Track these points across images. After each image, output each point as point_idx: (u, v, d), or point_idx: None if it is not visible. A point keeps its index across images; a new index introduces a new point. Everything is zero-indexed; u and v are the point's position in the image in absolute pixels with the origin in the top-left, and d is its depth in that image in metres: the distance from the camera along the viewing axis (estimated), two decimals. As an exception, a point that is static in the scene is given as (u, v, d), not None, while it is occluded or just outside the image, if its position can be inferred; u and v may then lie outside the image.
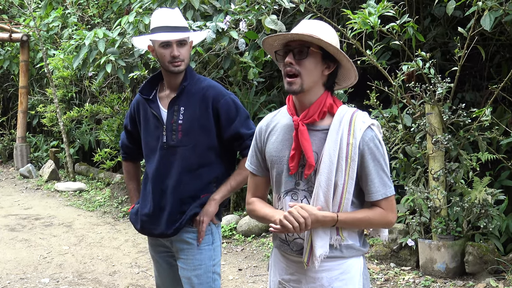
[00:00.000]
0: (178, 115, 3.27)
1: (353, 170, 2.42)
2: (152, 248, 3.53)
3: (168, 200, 3.28)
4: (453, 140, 5.57)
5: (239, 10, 6.37)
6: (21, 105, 12.27)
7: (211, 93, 3.29)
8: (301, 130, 2.44)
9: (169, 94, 3.34)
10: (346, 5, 6.88)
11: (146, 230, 3.41)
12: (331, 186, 2.42)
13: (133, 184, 3.69)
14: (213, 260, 3.36)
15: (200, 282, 3.31)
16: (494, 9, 5.24)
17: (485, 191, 5.42)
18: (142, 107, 3.42)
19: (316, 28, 2.42)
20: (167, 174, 3.28)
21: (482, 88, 7.04)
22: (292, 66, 2.40)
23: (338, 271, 2.49)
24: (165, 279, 3.55)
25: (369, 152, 2.43)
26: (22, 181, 11.18)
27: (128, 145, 3.63)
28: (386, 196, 2.47)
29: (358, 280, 2.52)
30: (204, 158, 3.28)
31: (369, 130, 2.44)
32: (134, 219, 3.45)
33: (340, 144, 2.41)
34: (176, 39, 3.20)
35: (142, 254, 6.75)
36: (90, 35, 7.80)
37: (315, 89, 2.46)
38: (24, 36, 11.86)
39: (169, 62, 3.23)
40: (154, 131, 3.33)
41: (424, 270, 5.67)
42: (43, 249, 6.96)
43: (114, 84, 10.33)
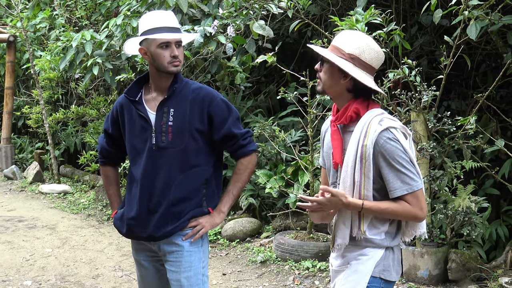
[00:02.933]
0: (167, 116, 3.24)
1: (369, 170, 2.65)
2: (137, 253, 3.49)
3: (158, 202, 3.25)
4: (438, 147, 5.60)
5: (227, 14, 6.37)
6: (7, 106, 12.20)
7: (202, 95, 3.29)
8: (332, 130, 2.79)
9: (156, 97, 3.32)
10: (334, 12, 6.91)
11: (133, 234, 3.36)
12: (351, 183, 2.70)
13: (113, 189, 3.65)
14: (202, 262, 3.34)
15: (190, 284, 3.29)
16: (480, 19, 5.29)
17: (469, 199, 5.45)
18: (126, 109, 3.38)
19: (341, 38, 2.75)
20: (156, 176, 3.25)
21: (467, 97, 7.09)
22: (318, 72, 2.79)
23: (357, 252, 2.79)
24: (150, 284, 3.50)
25: (383, 152, 2.62)
26: (6, 183, 11.11)
27: (108, 149, 3.56)
28: (409, 192, 2.63)
29: (370, 264, 2.76)
30: (194, 160, 3.26)
31: (385, 132, 2.62)
32: (119, 224, 3.40)
33: (357, 145, 2.66)
34: (176, 39, 3.21)
35: (126, 257, 6.73)
36: (77, 37, 7.78)
37: (342, 95, 2.76)
38: (10, 36, 11.79)
39: (169, 63, 3.22)
40: (141, 133, 3.30)
41: (407, 277, 5.69)
42: (26, 252, 6.91)
43: (101, 86, 10.31)
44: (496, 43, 6.07)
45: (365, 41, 2.72)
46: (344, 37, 2.75)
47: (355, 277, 2.76)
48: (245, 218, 7.42)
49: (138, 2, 7.30)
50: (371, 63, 2.72)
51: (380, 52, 2.76)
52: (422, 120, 5.61)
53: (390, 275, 2.78)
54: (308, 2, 6.00)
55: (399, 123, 2.69)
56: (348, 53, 2.68)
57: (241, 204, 7.47)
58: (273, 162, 7.32)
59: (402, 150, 2.62)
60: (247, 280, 6.00)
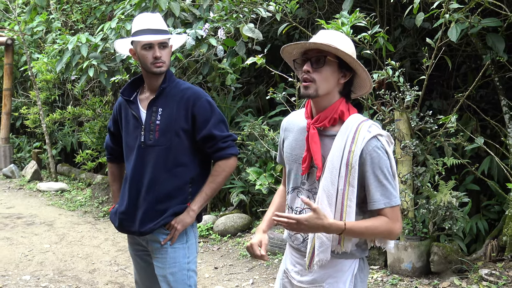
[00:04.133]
0: (156, 115, 3.25)
1: (354, 178, 2.40)
2: (131, 247, 3.52)
3: (143, 198, 3.26)
4: (420, 145, 5.62)
5: (218, 18, 6.37)
6: (5, 107, 12.15)
7: (189, 95, 3.28)
8: (311, 133, 2.46)
9: (148, 96, 3.33)
10: (321, 15, 6.92)
11: (124, 228, 3.38)
12: (334, 191, 2.42)
13: (116, 185, 3.65)
14: (187, 257, 3.33)
15: (175, 279, 3.29)
16: (460, 22, 5.31)
17: (450, 194, 5.47)
18: (123, 109, 3.41)
19: (334, 38, 2.44)
20: (143, 173, 3.26)
21: (448, 97, 7.12)
22: (309, 74, 2.42)
23: (332, 269, 2.52)
24: (143, 276, 3.53)
25: (371, 161, 2.40)
26: (5, 181, 11.05)
27: (112, 146, 3.60)
28: (390, 205, 2.41)
29: (349, 280, 2.53)
30: (180, 158, 3.26)
31: (374, 140, 2.42)
32: (113, 218, 3.43)
33: (343, 151, 2.41)
34: (158, 41, 3.20)
35: (121, 252, 6.71)
36: (73, 40, 7.76)
37: (330, 96, 2.47)
38: (8, 39, 11.74)
39: (151, 64, 3.22)
40: (133, 131, 3.32)
41: (391, 269, 5.71)
42: (25, 247, 6.88)
43: (96, 87, 10.27)
44: (475, 45, 6.10)
45: (351, 43, 2.50)
46: (337, 38, 2.45)
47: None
48: (236, 214, 7.42)
49: (132, 6, 7.28)
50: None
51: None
52: (405, 119, 5.63)
53: (365, 284, 2.59)
54: (296, 6, 6.01)
55: (385, 132, 2.49)
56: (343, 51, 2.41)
57: (232, 200, 7.48)
58: (263, 160, 7.32)
59: (388, 162, 2.42)
60: (238, 273, 6.00)
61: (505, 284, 5.18)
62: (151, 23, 3.24)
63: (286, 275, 2.67)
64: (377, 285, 5.48)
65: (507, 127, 5.89)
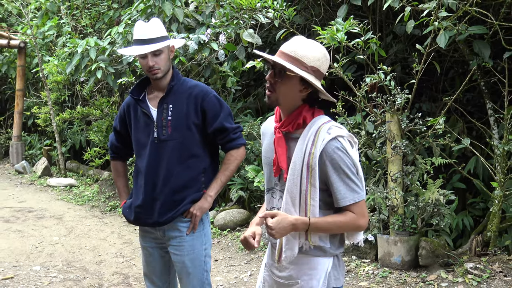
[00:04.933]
0: (167, 112, 3.28)
1: (315, 179, 2.38)
2: (143, 239, 3.51)
3: (160, 191, 3.29)
4: (410, 145, 5.62)
5: (219, 24, 6.37)
6: (17, 106, 12.14)
7: (197, 91, 3.32)
8: (277, 137, 2.46)
9: (157, 95, 3.36)
10: (317, 22, 6.92)
11: (140, 221, 3.40)
12: (297, 192, 2.41)
13: (122, 182, 3.68)
14: (204, 244, 3.38)
15: (193, 265, 3.34)
16: (448, 29, 5.31)
17: (438, 192, 5.48)
18: (132, 108, 3.42)
19: (300, 49, 2.39)
20: (159, 166, 3.29)
21: (437, 100, 7.12)
22: (271, 84, 2.41)
23: (306, 266, 2.50)
24: (154, 268, 3.52)
25: (331, 161, 2.36)
26: (17, 177, 11.05)
27: (117, 145, 3.61)
28: (355, 201, 2.40)
29: (323, 277, 2.50)
30: (192, 151, 3.30)
31: (334, 141, 2.37)
32: (128, 212, 3.44)
33: (304, 153, 2.39)
34: (148, 52, 3.21)
35: (127, 245, 6.71)
36: (82, 43, 7.75)
37: (293, 103, 2.45)
38: (21, 43, 11.74)
39: (147, 71, 3.27)
40: (145, 128, 3.34)
41: (382, 263, 5.71)
42: (35, 240, 6.88)
43: (104, 89, 10.26)
44: (463, 51, 6.10)
45: (322, 52, 2.43)
46: (303, 47, 2.39)
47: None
48: (235, 209, 7.42)
49: (138, 12, 7.27)
50: (325, 72, 2.48)
51: (329, 58, 2.49)
52: (396, 121, 5.63)
53: (340, 281, 2.55)
54: (293, 13, 6.01)
55: (346, 132, 2.43)
56: (310, 65, 2.37)
57: (232, 196, 7.47)
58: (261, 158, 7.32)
59: (350, 161, 2.39)
60: (237, 266, 5.99)
61: (489, 277, 5.19)
62: (144, 33, 3.23)
63: (267, 269, 2.67)
64: (368, 278, 5.48)
65: (492, 129, 5.89)
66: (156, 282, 3.54)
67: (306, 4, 7.44)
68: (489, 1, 5.83)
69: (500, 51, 6.04)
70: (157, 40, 3.24)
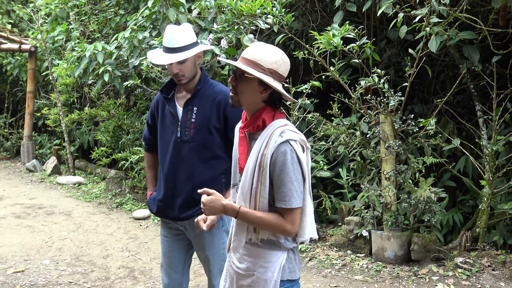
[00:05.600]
0: (191, 114, 3.29)
1: (265, 178, 2.40)
2: (164, 230, 3.52)
3: (182, 188, 3.30)
4: (403, 145, 5.62)
5: (221, 29, 6.36)
6: (28, 107, 12.14)
7: (221, 97, 3.31)
8: (240, 137, 2.52)
9: (185, 95, 3.37)
10: (314, 27, 6.91)
11: (162, 214, 3.43)
12: (249, 189, 2.45)
13: (151, 173, 3.67)
14: (222, 239, 3.40)
15: (214, 258, 3.39)
16: (439, 34, 5.31)
17: (429, 190, 5.48)
18: (161, 105, 3.44)
19: (258, 53, 2.43)
20: (180, 165, 3.29)
21: (428, 102, 7.12)
22: (233, 86, 2.47)
23: (262, 259, 2.51)
24: (171, 259, 3.52)
25: (279, 164, 2.37)
26: (27, 175, 11.04)
27: (150, 138, 3.63)
28: (287, 207, 2.39)
29: (277, 270, 2.50)
30: (213, 152, 3.31)
31: (284, 145, 2.38)
32: (152, 204, 3.47)
33: (258, 153, 2.42)
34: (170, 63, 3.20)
35: (132, 240, 6.71)
36: (90, 47, 7.75)
37: (254, 104, 2.48)
38: (32, 47, 11.74)
39: (173, 77, 3.29)
40: (170, 127, 3.35)
41: (376, 257, 5.71)
42: (45, 235, 6.88)
43: (111, 91, 10.26)
44: (453, 55, 6.10)
45: (280, 55, 2.47)
46: (260, 51, 2.44)
47: (265, 285, 2.50)
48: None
49: (144, 18, 7.27)
50: (284, 74, 2.48)
51: (289, 62, 2.52)
52: (389, 122, 5.63)
53: (295, 274, 2.55)
54: (292, 19, 6.00)
55: (299, 136, 2.43)
56: (267, 68, 2.40)
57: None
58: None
59: (297, 165, 2.38)
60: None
61: (478, 271, 5.19)
62: (172, 40, 3.21)
63: (229, 259, 2.66)
64: (362, 271, 5.48)
65: (481, 129, 5.90)
66: (171, 274, 3.53)
67: (303, 11, 7.44)
68: (478, 8, 5.84)
69: (488, 55, 6.05)
70: (184, 48, 3.21)
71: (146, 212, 7.76)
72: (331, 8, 7.05)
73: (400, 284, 5.13)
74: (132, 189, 8.88)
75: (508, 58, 5.80)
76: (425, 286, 5.04)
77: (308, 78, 5.94)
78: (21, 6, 13.40)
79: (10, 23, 13.39)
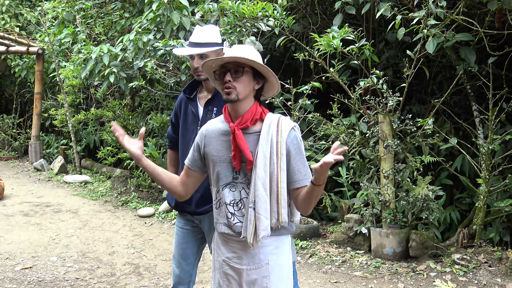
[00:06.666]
0: (211, 114, 3.32)
1: (284, 163, 2.46)
2: (180, 222, 3.56)
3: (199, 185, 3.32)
4: (401, 145, 5.61)
5: (223, 31, 6.36)
6: (36, 108, 12.15)
7: None
8: (237, 134, 2.49)
9: (206, 95, 3.41)
10: (314, 30, 6.91)
11: (179, 207, 3.47)
12: (267, 177, 2.46)
13: (173, 169, 3.70)
14: None
15: None
16: (437, 36, 5.31)
17: (427, 188, 5.47)
18: (183, 104, 3.48)
19: (247, 52, 2.51)
20: None
21: (426, 102, 7.11)
22: (230, 83, 2.47)
23: (272, 246, 2.54)
24: (183, 250, 3.55)
25: (293, 148, 2.48)
26: (35, 174, 11.05)
27: (173, 136, 3.67)
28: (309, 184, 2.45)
29: (288, 253, 2.60)
30: None
31: (292, 131, 2.51)
32: (170, 198, 3.53)
33: (271, 142, 2.47)
34: (196, 53, 3.28)
35: (137, 237, 6.71)
36: (96, 50, 7.76)
37: (247, 100, 2.53)
38: (39, 49, 11.74)
39: (194, 72, 3.35)
40: (191, 125, 3.39)
41: (375, 254, 5.71)
42: (52, 232, 6.88)
43: (116, 92, 10.27)
44: (450, 56, 6.09)
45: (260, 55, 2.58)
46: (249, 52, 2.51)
47: (281, 271, 2.56)
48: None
49: (148, 21, 7.27)
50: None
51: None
52: (388, 122, 5.62)
53: (294, 256, 2.67)
54: (292, 21, 6.00)
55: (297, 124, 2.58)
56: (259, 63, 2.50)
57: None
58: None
59: (303, 148, 2.54)
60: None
61: (475, 267, 5.18)
62: (196, 36, 3.31)
63: (226, 263, 2.63)
64: (362, 268, 5.47)
65: (478, 129, 5.88)
66: (183, 265, 3.55)
67: (304, 13, 7.44)
68: (475, 10, 5.83)
69: (485, 56, 6.04)
70: (206, 45, 3.29)
71: (150, 210, 7.76)
72: (331, 10, 7.04)
73: (399, 280, 5.12)
74: (137, 188, 8.89)
75: (504, 59, 5.79)
76: (423, 282, 5.04)
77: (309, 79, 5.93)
78: (29, 10, 13.41)
79: (18, 26, 13.40)
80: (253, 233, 2.49)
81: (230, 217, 2.55)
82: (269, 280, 2.54)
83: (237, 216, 2.54)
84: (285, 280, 2.58)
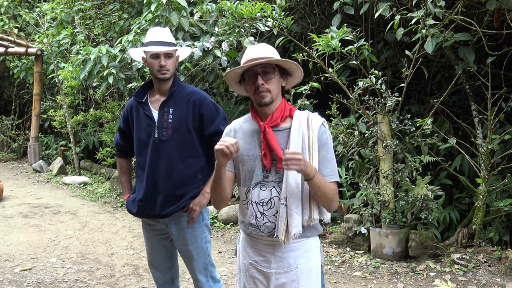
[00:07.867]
0: (168, 115, 3.31)
1: (316, 158, 2.45)
2: (146, 231, 3.54)
3: (162, 186, 3.32)
4: (400, 145, 5.61)
5: (222, 32, 6.35)
6: (35, 109, 12.14)
7: (195, 97, 3.37)
8: (268, 131, 2.46)
9: (159, 98, 3.39)
10: (313, 30, 6.91)
11: (142, 213, 3.43)
12: (299, 173, 2.38)
13: (126, 177, 3.70)
14: (204, 233, 3.47)
15: (197, 252, 3.44)
16: (435, 36, 5.30)
17: (426, 188, 5.46)
18: (135, 109, 3.45)
19: (269, 51, 2.50)
20: (159, 164, 3.31)
21: (425, 102, 7.11)
22: (262, 86, 2.44)
23: (301, 250, 2.50)
24: (157, 257, 3.57)
25: (323, 142, 2.48)
26: (34, 175, 11.04)
27: (122, 144, 3.64)
28: (335, 180, 2.48)
29: (318, 256, 2.56)
30: (191, 151, 3.34)
31: (321, 126, 2.50)
32: (131, 205, 3.47)
33: (302, 138, 2.46)
34: (164, 51, 3.29)
35: (137, 238, 6.70)
36: (95, 51, 7.74)
37: (280, 97, 2.54)
38: (38, 50, 11.74)
39: (157, 71, 3.31)
40: (146, 129, 3.36)
41: (374, 254, 5.70)
42: (52, 233, 6.87)
43: (115, 93, 10.25)
44: (449, 56, 6.09)
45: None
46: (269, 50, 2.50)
47: (311, 275, 2.51)
48: (237, 205, 7.40)
49: (147, 22, 7.26)
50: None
51: None
52: (387, 122, 5.62)
53: (323, 259, 2.60)
54: (291, 22, 5.99)
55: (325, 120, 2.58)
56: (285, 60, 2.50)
57: (234, 192, 7.46)
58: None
59: (331, 144, 2.54)
60: (239, 257, 5.98)
61: (474, 267, 5.18)
62: (160, 36, 3.33)
63: (253, 267, 2.58)
64: (361, 268, 5.47)
65: (476, 129, 5.88)
66: (160, 268, 3.59)
67: (303, 14, 7.43)
68: (473, 10, 5.83)
69: (483, 56, 6.04)
70: (170, 44, 3.33)
71: (150, 211, 7.75)
72: (330, 11, 7.04)
73: (398, 280, 5.11)
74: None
75: (502, 59, 5.79)
76: (422, 282, 5.03)
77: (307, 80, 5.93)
78: (28, 11, 13.39)
79: (17, 27, 13.39)
80: (284, 230, 2.43)
81: (259, 217, 2.49)
82: (298, 284, 2.49)
83: (266, 216, 2.48)
84: (314, 284, 2.53)
